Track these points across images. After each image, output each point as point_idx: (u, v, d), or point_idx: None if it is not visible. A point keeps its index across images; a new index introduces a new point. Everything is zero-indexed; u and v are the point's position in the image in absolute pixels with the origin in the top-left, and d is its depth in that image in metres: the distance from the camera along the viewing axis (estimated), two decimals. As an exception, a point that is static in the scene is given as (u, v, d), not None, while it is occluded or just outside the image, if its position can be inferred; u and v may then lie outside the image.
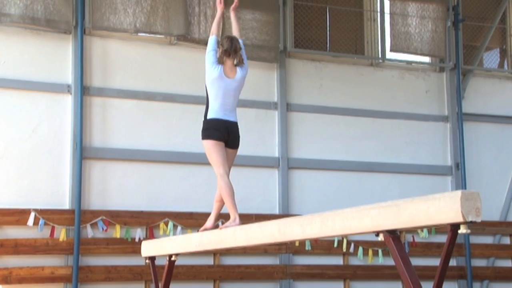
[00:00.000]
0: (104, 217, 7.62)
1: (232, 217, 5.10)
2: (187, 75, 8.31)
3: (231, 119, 5.47)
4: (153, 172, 8.01)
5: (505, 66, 10.15)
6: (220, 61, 5.42)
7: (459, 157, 9.33)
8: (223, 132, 5.36)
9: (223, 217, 8.06)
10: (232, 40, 5.41)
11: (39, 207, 7.42)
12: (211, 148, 5.33)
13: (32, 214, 7.33)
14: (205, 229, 5.39)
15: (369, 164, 8.97)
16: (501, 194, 9.61)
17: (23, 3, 7.44)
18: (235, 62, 5.39)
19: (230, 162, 5.47)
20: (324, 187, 8.66)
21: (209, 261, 8.03)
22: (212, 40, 5.47)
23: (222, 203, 5.45)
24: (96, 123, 7.84)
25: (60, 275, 7.39)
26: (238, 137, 5.52)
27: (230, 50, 5.35)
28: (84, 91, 7.74)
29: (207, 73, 5.50)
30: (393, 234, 3.43)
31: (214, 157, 5.32)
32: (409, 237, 8.90)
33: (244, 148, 8.39)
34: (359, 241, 8.52)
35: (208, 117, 5.46)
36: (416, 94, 9.44)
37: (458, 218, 2.97)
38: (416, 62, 9.59)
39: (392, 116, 9.22)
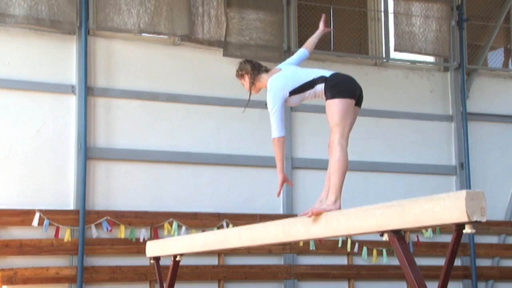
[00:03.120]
0: (108, 217, 7.63)
1: (333, 198, 4.19)
2: (191, 75, 8.32)
3: None
4: (158, 172, 8.02)
5: (510, 65, 10.13)
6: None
7: (464, 156, 9.31)
8: (357, 87, 4.45)
9: (227, 217, 8.08)
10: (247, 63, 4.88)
11: (43, 207, 7.43)
12: (343, 110, 4.34)
13: (37, 215, 7.35)
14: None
15: (374, 164, 8.96)
16: (506, 193, 9.58)
17: (27, 4, 7.46)
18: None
19: (353, 124, 4.56)
20: (329, 187, 8.64)
21: (213, 261, 8.03)
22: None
23: None
24: (100, 123, 7.85)
25: (65, 276, 7.40)
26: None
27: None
28: (88, 91, 7.75)
29: (285, 92, 4.59)
30: (398, 234, 3.42)
31: (344, 123, 4.36)
32: (413, 237, 8.88)
33: (248, 147, 8.46)
34: (364, 241, 8.51)
35: (328, 74, 4.44)
36: (420, 93, 9.43)
37: (463, 218, 2.97)
38: (420, 62, 9.57)
39: (396, 115, 9.21)
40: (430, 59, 9.69)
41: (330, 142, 4.43)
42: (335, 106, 4.38)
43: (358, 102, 4.55)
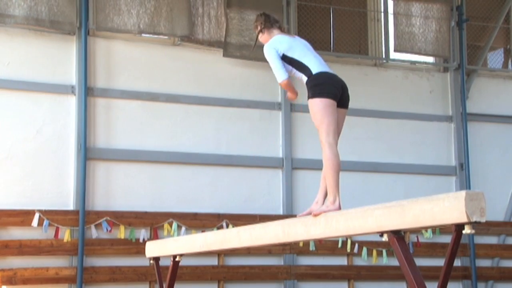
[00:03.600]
0: (108, 218, 7.62)
1: (331, 198, 4.21)
2: (191, 75, 8.32)
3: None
4: (157, 173, 8.02)
5: (509, 66, 10.13)
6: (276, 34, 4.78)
7: (464, 157, 9.31)
8: (339, 89, 4.49)
9: (227, 218, 8.08)
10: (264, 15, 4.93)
11: (43, 207, 7.43)
12: (325, 109, 4.37)
13: (37, 215, 7.34)
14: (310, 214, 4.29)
15: (373, 164, 8.96)
16: (506, 194, 9.58)
17: (27, 4, 7.46)
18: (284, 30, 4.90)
19: (340, 126, 4.57)
20: (328, 188, 8.64)
21: (213, 261, 8.03)
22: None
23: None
24: (100, 124, 7.85)
25: (65, 276, 7.39)
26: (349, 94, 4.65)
27: (270, 21, 4.90)
28: (88, 92, 7.75)
29: (279, 49, 4.68)
30: (398, 235, 3.42)
31: (327, 121, 4.35)
32: (413, 238, 8.88)
33: (248, 148, 8.46)
34: (364, 241, 8.51)
35: (315, 71, 4.50)
36: (420, 94, 9.43)
37: (463, 219, 2.97)
38: (420, 62, 9.57)
39: (396, 116, 9.21)
40: (430, 59, 9.70)
41: (320, 140, 4.44)
42: (316, 106, 4.44)
43: (343, 104, 4.59)
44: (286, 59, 4.64)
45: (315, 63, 4.58)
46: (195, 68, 8.35)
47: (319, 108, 4.41)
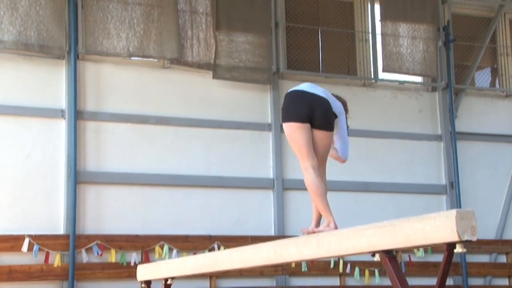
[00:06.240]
0: (99, 242, 7.57)
1: (326, 221, 4.14)
2: (180, 98, 8.34)
3: (317, 93, 4.24)
4: (148, 196, 7.99)
5: (497, 85, 10.22)
6: None
7: (454, 175, 9.35)
8: (305, 108, 4.15)
9: (218, 240, 8.05)
10: None
11: (33, 232, 7.37)
12: (291, 134, 4.19)
13: (27, 240, 7.28)
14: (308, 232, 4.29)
15: (364, 184, 8.98)
16: (496, 212, 9.61)
17: (16, 29, 7.47)
18: None
19: (321, 148, 4.26)
20: (319, 208, 8.63)
21: (205, 284, 7.98)
22: None
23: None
24: (90, 147, 7.83)
25: (55, 301, 7.33)
26: (329, 114, 4.22)
27: None
28: (77, 115, 7.74)
29: None
30: (389, 254, 3.42)
31: (297, 146, 4.18)
32: (405, 257, 8.87)
33: (239, 169, 8.46)
34: (356, 261, 8.49)
35: (287, 92, 4.32)
36: (409, 113, 9.48)
37: (454, 237, 2.97)
38: (408, 82, 9.64)
39: (385, 135, 9.24)
40: (418, 79, 9.77)
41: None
42: (286, 131, 4.27)
43: (318, 125, 4.19)
44: None
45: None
46: (185, 90, 8.37)
47: (286, 134, 4.25)
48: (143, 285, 6.16)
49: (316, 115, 4.19)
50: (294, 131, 4.17)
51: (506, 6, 10.01)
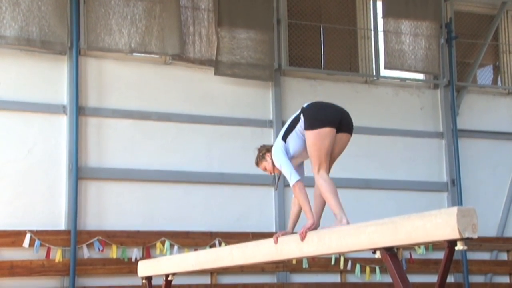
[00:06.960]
0: (100, 237, 7.58)
1: (337, 217, 4.21)
2: (182, 94, 8.34)
3: None
4: (149, 192, 7.99)
5: (499, 82, 10.20)
6: None
7: (455, 173, 9.34)
8: (336, 118, 4.38)
9: (220, 236, 8.05)
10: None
11: (35, 228, 7.38)
12: (322, 139, 4.33)
13: (28, 235, 7.29)
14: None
15: (365, 181, 8.98)
16: (497, 209, 9.61)
17: (18, 25, 7.47)
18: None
19: (339, 152, 4.54)
20: (321, 205, 8.64)
21: (206, 280, 7.99)
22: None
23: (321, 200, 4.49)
24: (92, 143, 7.84)
25: (56, 297, 7.34)
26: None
27: None
28: (79, 111, 7.74)
29: None
30: (390, 251, 3.43)
31: (323, 152, 4.35)
32: (406, 254, 8.87)
33: (240, 166, 8.45)
34: (357, 258, 8.49)
35: (308, 103, 4.49)
36: (411, 110, 9.47)
37: (455, 235, 2.98)
38: (410, 79, 9.63)
39: (387, 133, 9.24)
40: (420, 76, 9.76)
41: (312, 170, 4.42)
42: (311, 138, 4.37)
43: (346, 129, 4.46)
44: (287, 133, 4.61)
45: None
46: (186, 86, 8.36)
47: (315, 139, 4.39)
48: (144, 281, 6.16)
49: (345, 125, 4.43)
50: (326, 136, 4.33)
51: (509, 3, 9.98)
